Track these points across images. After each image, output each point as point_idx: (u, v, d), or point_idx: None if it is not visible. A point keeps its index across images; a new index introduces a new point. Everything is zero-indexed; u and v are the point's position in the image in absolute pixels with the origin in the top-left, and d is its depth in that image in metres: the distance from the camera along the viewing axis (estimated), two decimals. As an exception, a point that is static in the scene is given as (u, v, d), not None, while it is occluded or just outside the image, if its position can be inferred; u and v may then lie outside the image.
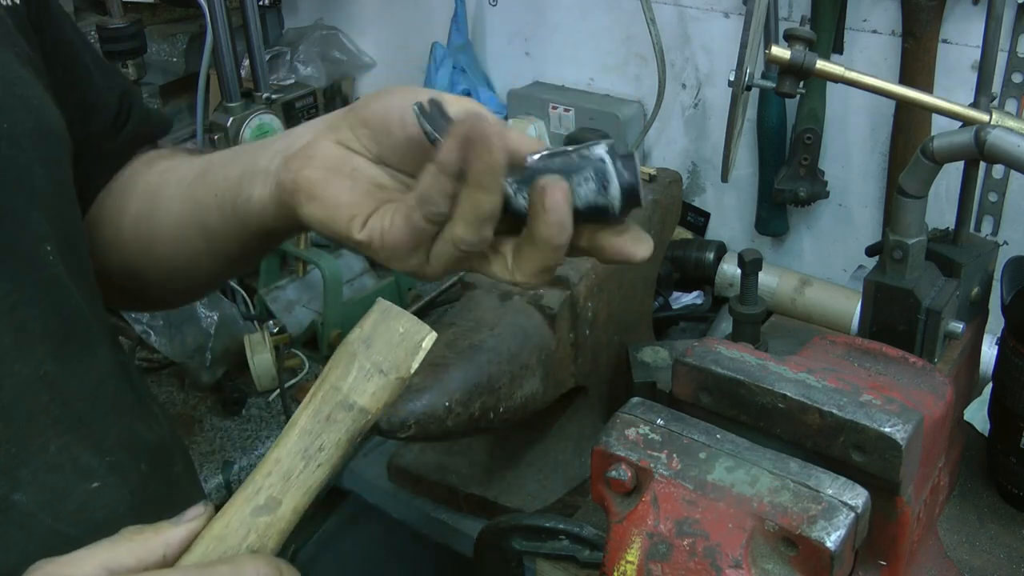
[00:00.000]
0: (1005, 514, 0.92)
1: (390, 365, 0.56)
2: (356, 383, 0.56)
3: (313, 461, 0.54)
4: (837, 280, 1.50)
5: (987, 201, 1.33)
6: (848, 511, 0.62)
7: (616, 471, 0.68)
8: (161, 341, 1.35)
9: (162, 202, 0.75)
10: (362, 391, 0.55)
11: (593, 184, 0.55)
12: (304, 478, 0.54)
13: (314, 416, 0.55)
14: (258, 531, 0.53)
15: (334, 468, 0.56)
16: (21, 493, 0.58)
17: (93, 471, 0.62)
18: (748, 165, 1.53)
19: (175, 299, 0.92)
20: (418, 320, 0.57)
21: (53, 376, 0.61)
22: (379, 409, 0.56)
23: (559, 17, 1.69)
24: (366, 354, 0.56)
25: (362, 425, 0.56)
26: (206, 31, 1.45)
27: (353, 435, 0.56)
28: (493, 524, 0.91)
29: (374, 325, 0.57)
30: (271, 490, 0.54)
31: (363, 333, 0.56)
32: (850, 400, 0.69)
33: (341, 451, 0.55)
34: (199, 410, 1.39)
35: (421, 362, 0.57)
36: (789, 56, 0.90)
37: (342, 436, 0.55)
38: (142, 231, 0.76)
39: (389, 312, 0.57)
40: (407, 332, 0.56)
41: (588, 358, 1.09)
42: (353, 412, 0.55)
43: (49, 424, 0.60)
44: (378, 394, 0.56)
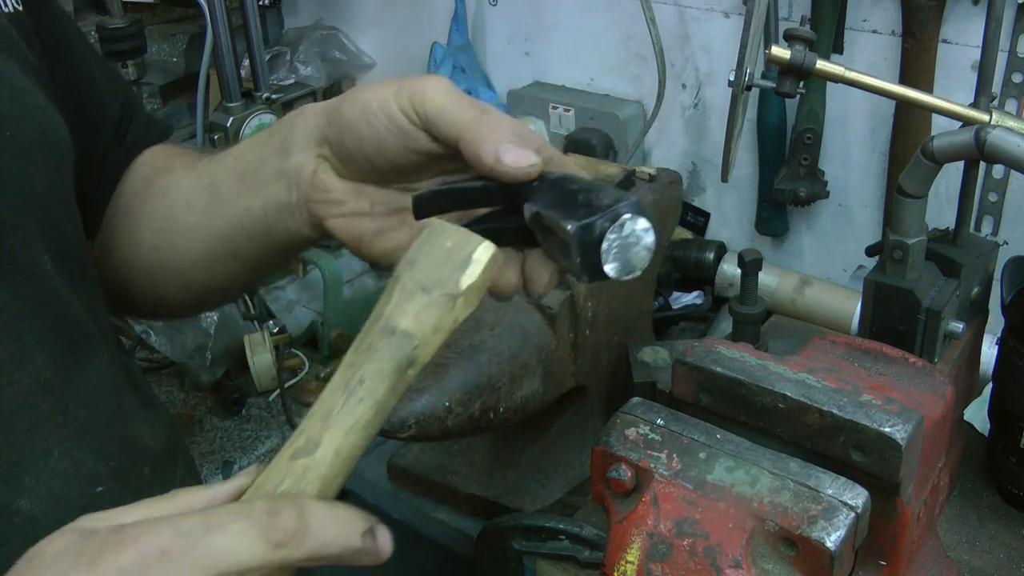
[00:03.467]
0: (1005, 514, 0.92)
1: (434, 282, 0.50)
2: (397, 305, 0.50)
3: (354, 396, 0.49)
4: (837, 280, 1.50)
5: (987, 201, 1.33)
6: (848, 511, 0.62)
7: (616, 471, 0.68)
8: (161, 341, 1.35)
9: (180, 233, 0.75)
10: (403, 312, 0.50)
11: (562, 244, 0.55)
12: (344, 415, 0.48)
13: (357, 348, 0.50)
14: (294, 475, 0.48)
15: (380, 403, 0.49)
16: (25, 499, 0.58)
17: (97, 477, 0.62)
18: (748, 165, 1.53)
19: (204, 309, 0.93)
20: (470, 232, 0.51)
21: (53, 384, 0.61)
22: (426, 333, 0.50)
23: (559, 17, 1.69)
24: (409, 274, 0.51)
25: (408, 351, 0.49)
26: (206, 31, 1.45)
27: (399, 363, 0.49)
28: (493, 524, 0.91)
29: (420, 245, 0.51)
30: (310, 431, 0.49)
31: (409, 255, 0.51)
32: (850, 400, 0.69)
33: (387, 382, 0.49)
34: (199, 410, 1.39)
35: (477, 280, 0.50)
36: (789, 56, 0.90)
37: (385, 365, 0.49)
38: (166, 260, 0.76)
39: (436, 230, 0.52)
40: (455, 246, 0.51)
41: (588, 358, 1.09)
42: (395, 337, 0.49)
43: (51, 431, 0.60)
44: (422, 314, 0.50)
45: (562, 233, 0.54)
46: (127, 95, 0.82)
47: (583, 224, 0.53)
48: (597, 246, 0.53)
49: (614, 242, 0.53)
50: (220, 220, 0.72)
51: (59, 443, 0.60)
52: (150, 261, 0.77)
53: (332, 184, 0.66)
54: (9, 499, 0.58)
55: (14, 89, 0.63)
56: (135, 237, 0.77)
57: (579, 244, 0.53)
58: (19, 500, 0.58)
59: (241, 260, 0.74)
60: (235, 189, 0.71)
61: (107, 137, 0.79)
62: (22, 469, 0.58)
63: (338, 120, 0.63)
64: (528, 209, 0.56)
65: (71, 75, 0.74)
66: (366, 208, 0.66)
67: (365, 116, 0.61)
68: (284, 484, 0.48)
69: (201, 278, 0.76)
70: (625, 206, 0.53)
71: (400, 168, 0.63)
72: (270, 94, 1.50)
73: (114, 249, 0.79)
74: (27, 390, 0.59)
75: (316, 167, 0.66)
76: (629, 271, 0.54)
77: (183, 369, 1.42)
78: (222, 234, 0.72)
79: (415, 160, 0.62)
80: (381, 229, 0.66)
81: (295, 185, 0.67)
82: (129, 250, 0.78)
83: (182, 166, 0.77)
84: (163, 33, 1.84)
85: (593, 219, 0.53)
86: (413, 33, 1.86)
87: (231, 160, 0.72)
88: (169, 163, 0.79)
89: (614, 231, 0.53)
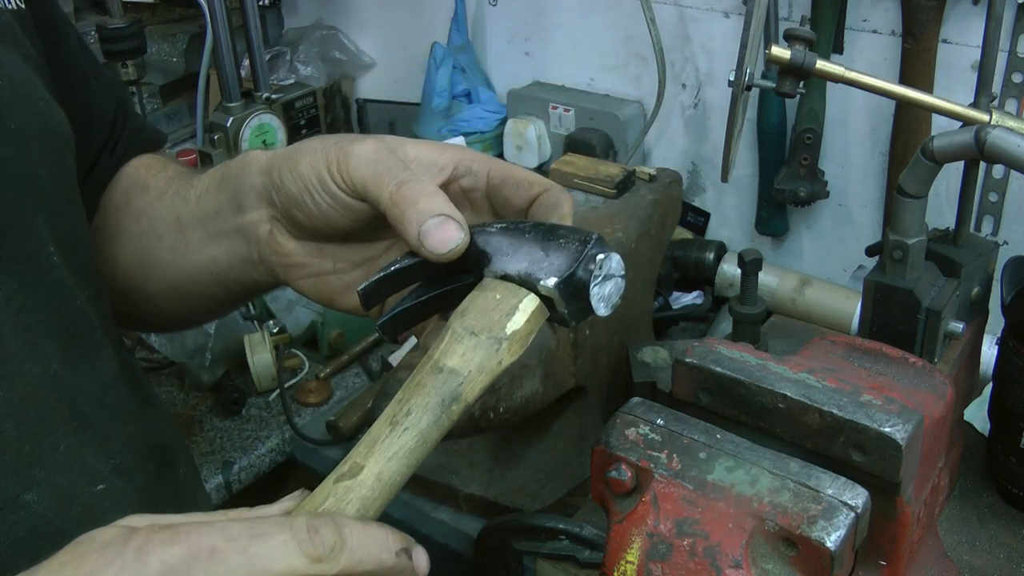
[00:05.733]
0: (1005, 514, 0.92)
1: (482, 327, 0.55)
2: (447, 347, 0.54)
3: (399, 426, 0.52)
4: (837, 280, 1.50)
5: (987, 201, 1.33)
6: (848, 511, 0.62)
7: (616, 471, 0.68)
8: (161, 341, 1.35)
9: (151, 263, 0.75)
10: (451, 353, 0.54)
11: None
12: (388, 443, 0.51)
13: (407, 385, 0.54)
14: (336, 496, 0.50)
15: (423, 434, 0.52)
16: (33, 492, 0.58)
17: (99, 473, 0.62)
18: (748, 165, 1.53)
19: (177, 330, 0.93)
20: (518, 287, 0.56)
21: (61, 376, 0.61)
22: (471, 371, 0.54)
23: (559, 17, 1.69)
24: (460, 321, 0.55)
25: (453, 388, 0.53)
26: (206, 31, 1.45)
27: (444, 398, 0.53)
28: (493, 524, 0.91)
29: (471, 298, 0.56)
30: (356, 457, 0.52)
31: (460, 306, 0.56)
32: (850, 400, 0.69)
33: (431, 415, 0.53)
34: (199, 410, 1.39)
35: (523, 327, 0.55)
36: (789, 56, 0.90)
37: (430, 399, 0.53)
38: (137, 285, 0.76)
39: (487, 284, 0.57)
40: (503, 297, 0.56)
41: (588, 358, 1.09)
42: (442, 374, 0.53)
43: (59, 424, 0.60)
44: (468, 355, 0.54)
45: (544, 291, 0.56)
46: (121, 101, 0.81)
47: (564, 278, 0.55)
48: (585, 293, 0.56)
49: (597, 284, 0.56)
50: (187, 261, 0.72)
51: (65, 437, 0.60)
52: (122, 283, 0.77)
53: (289, 247, 0.66)
54: (17, 491, 0.57)
55: (17, 81, 0.62)
56: (110, 256, 0.77)
57: (565, 296, 0.56)
58: (27, 493, 0.57)
59: (210, 298, 0.74)
60: (199, 235, 0.71)
61: (98, 142, 0.78)
62: (33, 460, 0.58)
63: (281, 191, 0.64)
64: (491, 274, 0.58)
65: (67, 77, 0.74)
66: (329, 267, 0.67)
67: (307, 190, 0.62)
68: (326, 503, 0.50)
69: (172, 307, 0.77)
70: (592, 246, 0.56)
71: (353, 233, 0.64)
72: (270, 94, 1.50)
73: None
74: (37, 380, 0.59)
75: (271, 228, 0.66)
76: (613, 305, 0.58)
77: (183, 369, 1.42)
78: (190, 274, 0.72)
79: (365, 226, 0.63)
80: (348, 284, 0.67)
81: (254, 243, 0.67)
82: (105, 267, 0.77)
83: (155, 190, 0.77)
84: (163, 33, 1.84)
85: (573, 269, 0.55)
86: (413, 33, 1.86)
87: (194, 202, 0.72)
88: (146, 181, 0.78)
89: (596, 275, 0.56)
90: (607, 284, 0.57)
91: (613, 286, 0.57)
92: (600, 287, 0.57)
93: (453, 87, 1.77)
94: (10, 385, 0.58)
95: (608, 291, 0.57)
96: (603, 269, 0.56)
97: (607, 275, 0.57)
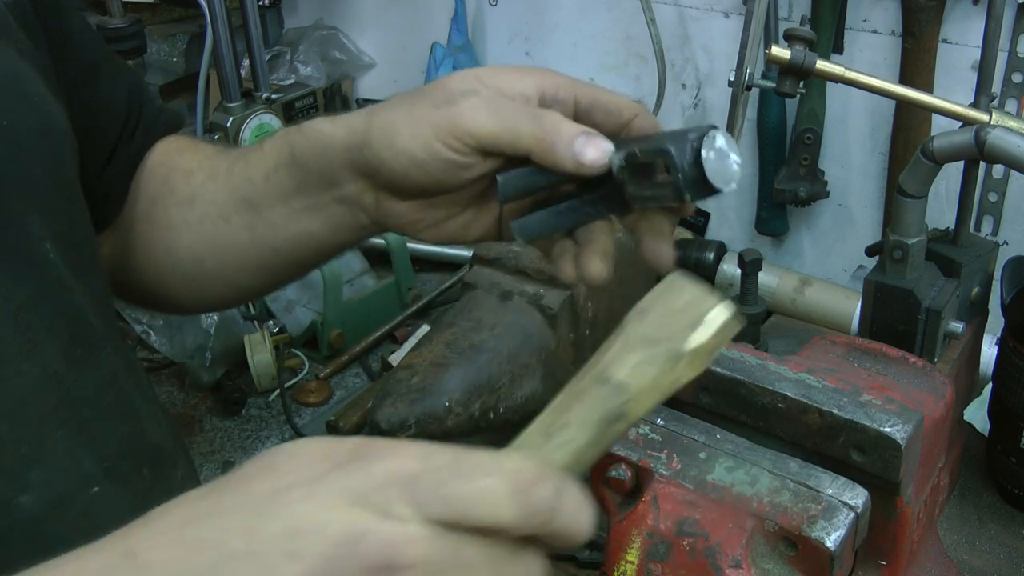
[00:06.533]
0: (1005, 514, 0.92)
1: (660, 336, 0.47)
2: (617, 355, 0.47)
3: (554, 439, 0.46)
4: (837, 280, 1.50)
5: (987, 201, 1.33)
6: (848, 511, 0.62)
7: (616, 471, 0.68)
8: (161, 341, 1.35)
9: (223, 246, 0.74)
10: (621, 362, 0.47)
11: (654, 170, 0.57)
12: (540, 456, 0.46)
13: (568, 390, 0.48)
14: None
15: (578, 452, 0.46)
16: (28, 496, 0.57)
17: (93, 476, 0.61)
18: (748, 165, 1.53)
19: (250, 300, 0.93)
20: (709, 292, 0.48)
21: (62, 377, 0.60)
22: (641, 388, 0.47)
23: (559, 17, 1.69)
24: (636, 325, 0.48)
25: (618, 404, 0.46)
26: (206, 31, 1.45)
27: (606, 414, 0.46)
28: (493, 524, 0.91)
29: (655, 297, 0.49)
30: None
31: (641, 305, 0.49)
32: (850, 400, 0.69)
33: (589, 433, 0.46)
34: (199, 410, 1.39)
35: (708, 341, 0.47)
36: (789, 56, 0.90)
37: (591, 415, 0.46)
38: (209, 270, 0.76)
39: (675, 284, 0.49)
40: (690, 302, 0.48)
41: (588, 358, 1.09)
42: (608, 387, 0.47)
43: (58, 425, 0.59)
44: (640, 367, 0.47)
45: (663, 158, 0.56)
46: (133, 85, 0.80)
47: (680, 144, 0.55)
48: (698, 158, 0.55)
49: (711, 153, 0.55)
50: (272, 238, 0.72)
51: (64, 439, 0.59)
52: (191, 268, 0.76)
53: (399, 210, 0.66)
54: (12, 494, 0.57)
55: (9, 77, 0.62)
56: (167, 245, 0.76)
57: (681, 162, 0.55)
58: (22, 496, 0.57)
59: (303, 266, 0.75)
60: (283, 212, 0.70)
61: (114, 129, 0.77)
62: (30, 463, 0.57)
63: (381, 170, 0.63)
64: (617, 159, 0.58)
65: (73, 65, 0.72)
66: (443, 216, 0.66)
67: (415, 165, 0.61)
68: None
69: (254, 282, 0.77)
70: (707, 126, 0.56)
71: (460, 187, 0.64)
72: (270, 94, 1.50)
73: (137, 251, 0.78)
74: (37, 381, 0.58)
75: (376, 197, 0.66)
76: (728, 181, 0.56)
77: (183, 369, 1.41)
78: (277, 249, 0.72)
79: (475, 177, 0.63)
80: (469, 222, 0.67)
81: (360, 211, 0.67)
82: (162, 256, 0.77)
83: (202, 172, 0.76)
84: (163, 33, 1.83)
85: (687, 138, 0.55)
86: (413, 33, 1.86)
87: (262, 181, 0.71)
88: (186, 165, 0.78)
89: (707, 143, 0.55)
90: (723, 159, 0.55)
91: (728, 165, 0.56)
92: (714, 157, 0.55)
93: (453, 87, 1.77)
94: (7, 386, 0.57)
95: (723, 166, 0.55)
96: (717, 142, 0.55)
97: (721, 150, 0.55)
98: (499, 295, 1.04)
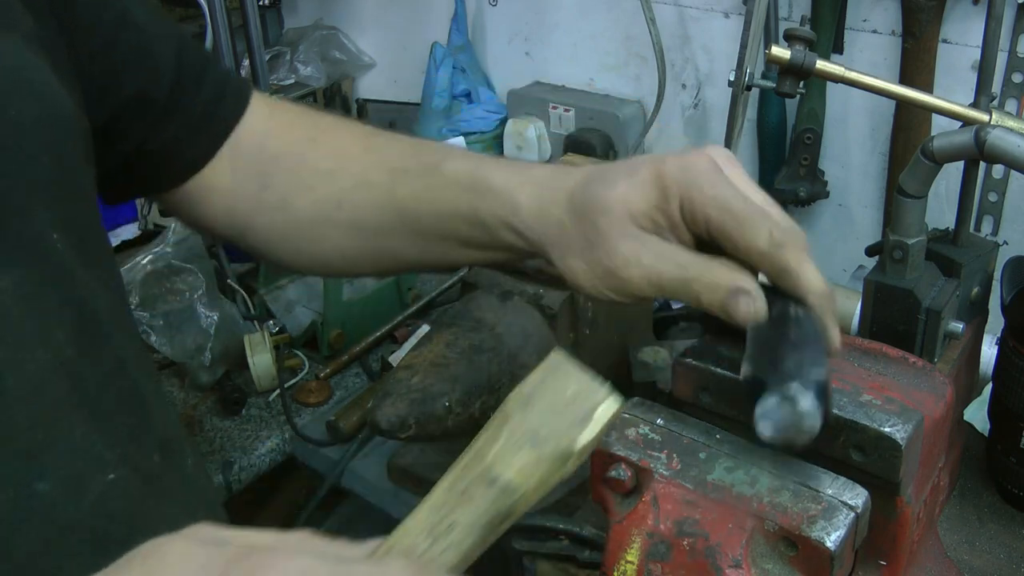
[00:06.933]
0: (1005, 514, 0.92)
1: (548, 434, 0.45)
2: (502, 452, 0.45)
3: (439, 542, 0.44)
4: (837, 280, 1.50)
5: (987, 201, 1.33)
6: (848, 511, 0.62)
7: (616, 471, 0.68)
8: (161, 341, 1.35)
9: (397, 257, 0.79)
10: (508, 463, 0.45)
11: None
12: (426, 559, 0.44)
13: (451, 487, 0.46)
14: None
15: (465, 555, 0.45)
16: (45, 482, 0.57)
17: (108, 462, 0.61)
18: (748, 165, 1.53)
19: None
20: (597, 382, 0.46)
21: (74, 363, 0.60)
22: (530, 489, 0.45)
23: (559, 17, 1.69)
24: (521, 417, 0.46)
25: (506, 506, 0.45)
26: (206, 31, 1.45)
27: (493, 517, 0.45)
28: (493, 524, 0.91)
29: (539, 382, 0.47)
30: None
31: (524, 390, 0.47)
32: (850, 400, 0.69)
33: (475, 536, 0.45)
34: (199, 410, 1.39)
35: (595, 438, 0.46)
36: (789, 56, 0.90)
37: (478, 517, 0.45)
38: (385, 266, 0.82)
39: (559, 368, 0.47)
40: (578, 395, 0.46)
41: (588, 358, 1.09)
42: (495, 489, 0.45)
43: (71, 411, 0.59)
44: (528, 469, 0.45)
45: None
46: (182, 39, 0.79)
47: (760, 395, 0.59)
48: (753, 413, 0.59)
49: (770, 416, 0.58)
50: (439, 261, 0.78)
51: (79, 424, 0.59)
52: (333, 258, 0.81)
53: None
54: (29, 480, 0.56)
55: (13, 68, 0.61)
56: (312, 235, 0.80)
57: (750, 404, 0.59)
58: (39, 483, 0.57)
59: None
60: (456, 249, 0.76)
61: (166, 82, 0.76)
62: (44, 449, 0.57)
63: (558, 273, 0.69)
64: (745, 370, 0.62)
65: (100, 29, 0.71)
66: None
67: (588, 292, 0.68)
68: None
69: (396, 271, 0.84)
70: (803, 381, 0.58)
71: None
72: (270, 94, 1.50)
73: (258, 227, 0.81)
74: (49, 367, 0.58)
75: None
76: (788, 442, 0.59)
77: (183, 369, 1.41)
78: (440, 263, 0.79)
79: None
80: None
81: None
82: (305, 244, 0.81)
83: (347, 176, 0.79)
84: (163, 33, 1.83)
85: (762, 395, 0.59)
86: (413, 33, 1.86)
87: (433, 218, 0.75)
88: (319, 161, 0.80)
89: (772, 408, 0.58)
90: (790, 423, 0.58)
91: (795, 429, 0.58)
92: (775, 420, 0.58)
93: (453, 87, 1.77)
94: (22, 371, 0.57)
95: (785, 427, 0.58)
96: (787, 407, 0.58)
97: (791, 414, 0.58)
98: (499, 295, 1.04)
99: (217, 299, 1.40)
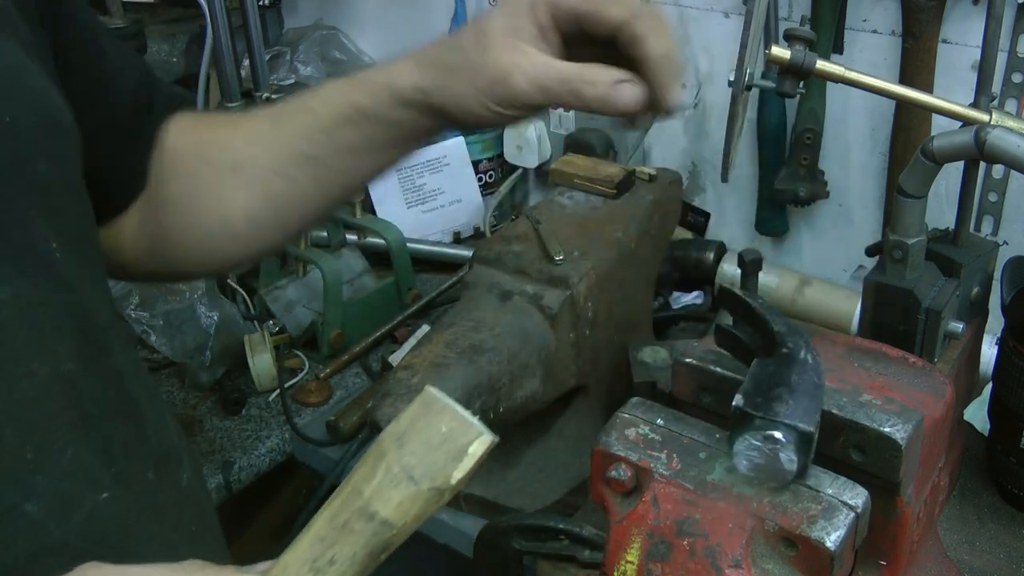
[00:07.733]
0: (1005, 514, 0.92)
1: (424, 472, 0.46)
2: (380, 489, 0.47)
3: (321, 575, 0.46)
4: (837, 280, 1.50)
5: (987, 201, 1.33)
6: (848, 511, 0.62)
7: (616, 471, 0.68)
8: (161, 341, 1.35)
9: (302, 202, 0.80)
10: (386, 500, 0.46)
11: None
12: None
13: (330, 521, 0.47)
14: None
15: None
16: (33, 503, 0.56)
17: (100, 481, 0.60)
18: (748, 165, 1.53)
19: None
20: (469, 419, 0.47)
21: (74, 376, 0.59)
22: (407, 524, 0.47)
23: (559, 17, 1.69)
24: (397, 454, 0.47)
25: (385, 539, 0.47)
26: (206, 31, 1.45)
27: (373, 550, 0.47)
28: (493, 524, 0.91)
29: (412, 419, 0.47)
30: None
31: (398, 428, 0.47)
32: (850, 400, 0.69)
33: (357, 568, 0.47)
34: (199, 410, 1.39)
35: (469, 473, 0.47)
36: (789, 56, 0.90)
37: (358, 551, 0.46)
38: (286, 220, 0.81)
39: (432, 406, 0.47)
40: (451, 432, 0.47)
41: (588, 358, 1.09)
42: (374, 524, 0.46)
43: (67, 428, 0.58)
44: (405, 505, 0.46)
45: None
46: (140, 68, 0.80)
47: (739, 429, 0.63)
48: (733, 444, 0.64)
49: (748, 453, 0.63)
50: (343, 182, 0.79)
51: (72, 443, 0.58)
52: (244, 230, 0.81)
53: None
54: (16, 501, 0.55)
55: (11, 70, 0.61)
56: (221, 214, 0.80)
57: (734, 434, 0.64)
58: (27, 503, 0.55)
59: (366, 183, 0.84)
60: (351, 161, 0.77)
61: (124, 111, 0.77)
62: (35, 469, 0.56)
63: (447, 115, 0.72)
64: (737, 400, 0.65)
65: (81, 48, 0.72)
66: None
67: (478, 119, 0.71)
68: None
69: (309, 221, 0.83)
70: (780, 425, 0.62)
71: None
72: (270, 94, 1.50)
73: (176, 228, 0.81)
74: (46, 381, 0.57)
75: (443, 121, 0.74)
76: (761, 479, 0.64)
77: (183, 369, 1.41)
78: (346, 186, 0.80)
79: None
80: None
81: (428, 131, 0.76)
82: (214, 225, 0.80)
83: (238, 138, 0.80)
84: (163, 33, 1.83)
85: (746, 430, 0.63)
86: (413, 33, 1.86)
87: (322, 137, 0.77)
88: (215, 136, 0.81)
89: (751, 446, 0.63)
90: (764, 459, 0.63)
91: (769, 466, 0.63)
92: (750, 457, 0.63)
93: (453, 87, 1.77)
94: (13, 387, 0.56)
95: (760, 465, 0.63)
96: (764, 445, 0.62)
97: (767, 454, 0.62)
98: (499, 295, 1.04)
99: (217, 299, 1.40)
